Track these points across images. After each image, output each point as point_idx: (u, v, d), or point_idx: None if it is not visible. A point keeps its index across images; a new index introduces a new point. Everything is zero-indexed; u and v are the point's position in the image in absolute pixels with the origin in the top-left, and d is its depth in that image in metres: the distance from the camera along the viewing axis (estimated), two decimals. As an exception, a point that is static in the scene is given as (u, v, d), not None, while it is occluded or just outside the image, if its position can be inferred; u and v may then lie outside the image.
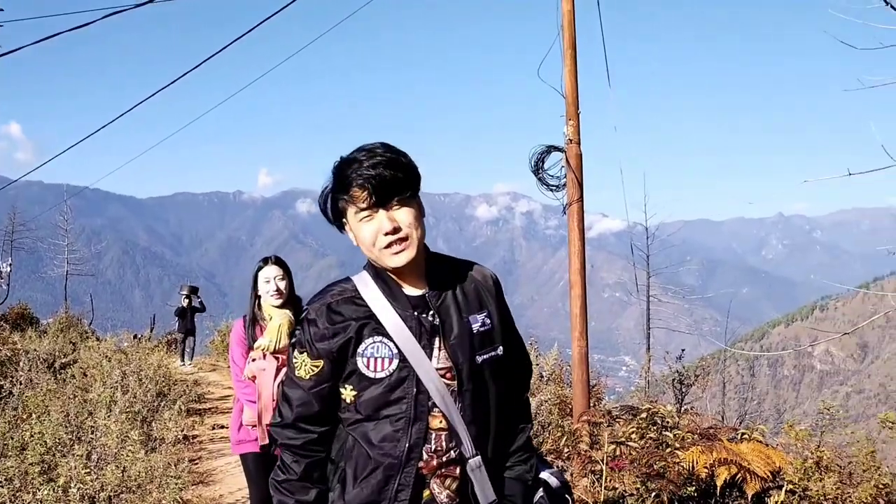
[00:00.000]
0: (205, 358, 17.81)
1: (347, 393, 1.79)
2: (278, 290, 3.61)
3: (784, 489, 3.86)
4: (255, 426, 3.62)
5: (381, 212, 1.73)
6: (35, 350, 11.96)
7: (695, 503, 4.42)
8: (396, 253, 1.74)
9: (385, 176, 1.70)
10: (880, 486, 3.53)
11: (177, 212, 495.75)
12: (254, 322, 3.69)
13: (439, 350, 1.79)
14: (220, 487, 6.03)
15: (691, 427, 5.08)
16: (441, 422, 1.78)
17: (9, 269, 28.12)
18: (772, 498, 3.85)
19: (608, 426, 5.29)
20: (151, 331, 25.69)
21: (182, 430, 7.80)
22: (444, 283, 1.86)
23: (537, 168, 6.70)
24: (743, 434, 4.95)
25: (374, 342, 1.76)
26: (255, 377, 3.55)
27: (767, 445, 4.69)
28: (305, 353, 1.79)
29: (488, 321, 1.87)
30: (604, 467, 3.79)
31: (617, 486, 4.28)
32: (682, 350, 9.13)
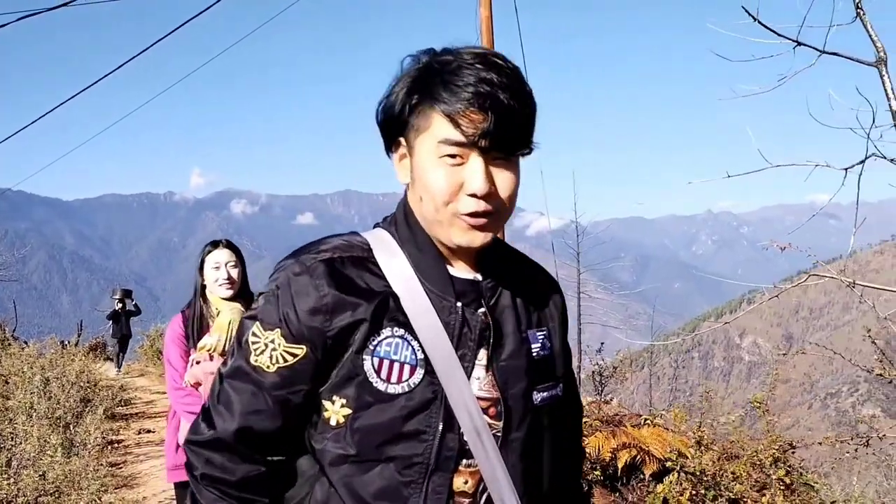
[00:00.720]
0: (133, 363, 17.47)
1: (334, 411, 1.12)
2: (229, 278, 3.06)
3: (679, 468, 4.17)
4: None
5: (480, 160, 1.08)
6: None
7: (600, 486, 4.71)
8: (476, 227, 1.11)
9: (514, 108, 1.07)
10: (755, 461, 3.88)
11: (105, 214, 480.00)
12: (199, 318, 3.09)
13: (485, 370, 1.17)
14: (145, 490, 6.04)
15: (598, 415, 5.38)
16: (468, 481, 1.14)
17: (-78, 275, 26.92)
18: (666, 478, 4.17)
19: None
20: (79, 336, 25.00)
21: (105, 435, 7.73)
22: (503, 275, 1.23)
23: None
24: (646, 420, 5.28)
25: (394, 338, 1.12)
26: (198, 383, 2.95)
27: (667, 430, 5.03)
28: (278, 331, 1.11)
29: (548, 344, 1.27)
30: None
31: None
32: (602, 343, 9.53)
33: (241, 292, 3.11)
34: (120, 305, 15.12)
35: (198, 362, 2.90)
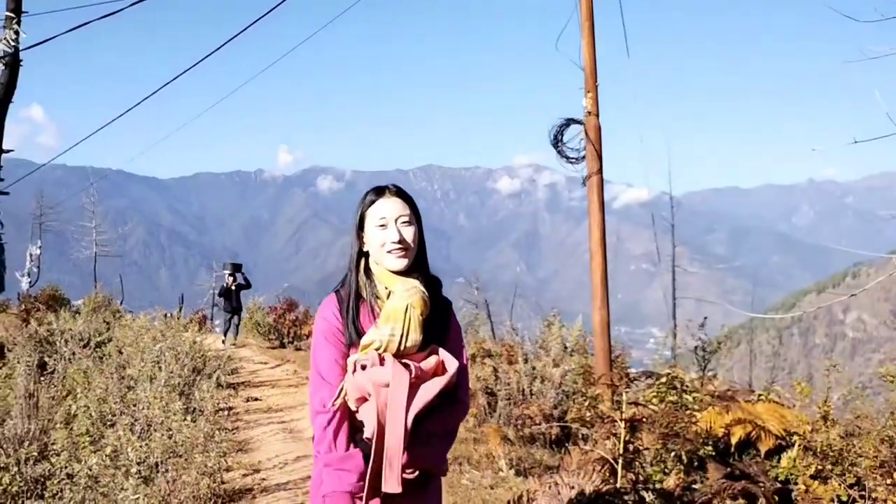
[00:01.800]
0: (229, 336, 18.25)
1: None
2: (401, 241, 2.15)
3: (797, 445, 4.02)
4: (359, 497, 2.09)
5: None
6: (71, 329, 12.42)
7: (712, 461, 4.61)
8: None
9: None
10: (884, 437, 3.68)
11: (199, 192, 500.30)
12: (357, 299, 2.22)
13: None
14: (259, 454, 6.33)
15: (710, 391, 5.24)
16: None
17: (39, 251, 28.88)
18: (786, 453, 4.02)
19: (627, 388, 5.48)
20: (180, 310, 26.30)
21: (217, 403, 8.13)
22: None
23: (557, 141, 6.83)
24: (760, 395, 5.10)
25: None
26: (362, 399, 2.07)
27: (783, 405, 4.85)
28: None
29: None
30: (622, 427, 3.97)
31: (638, 445, 4.46)
32: (704, 318, 9.25)
33: (418, 263, 2.22)
34: (231, 279, 15.31)
35: (363, 367, 2.06)
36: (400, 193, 2.21)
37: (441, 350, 2.17)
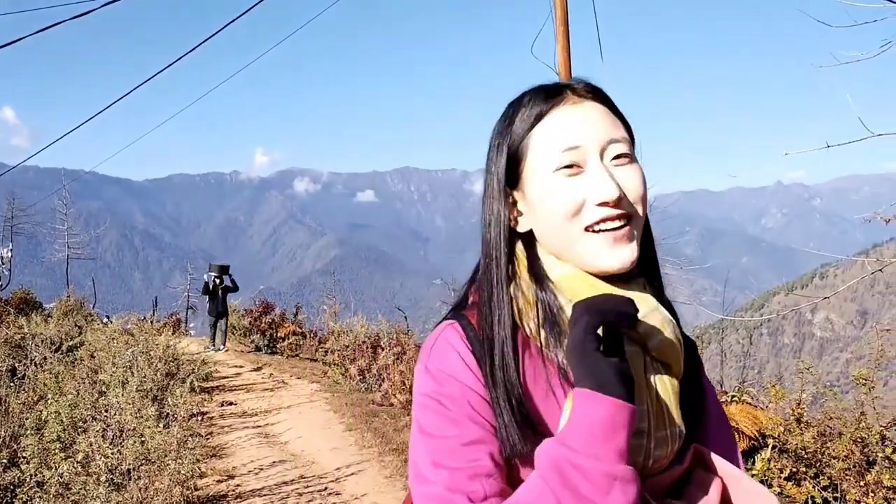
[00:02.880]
0: (205, 337, 18.08)
1: None
2: (621, 201, 0.95)
3: (770, 446, 4.06)
4: None
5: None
6: (42, 334, 12.21)
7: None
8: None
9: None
10: (857, 438, 3.74)
11: (173, 194, 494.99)
12: (513, 337, 0.97)
13: None
14: (233, 460, 6.26)
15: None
16: None
17: (10, 254, 28.30)
18: (759, 455, 4.07)
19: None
20: (154, 313, 26.03)
21: (191, 408, 8.04)
22: None
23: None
24: (733, 397, 5.15)
25: None
26: None
27: (756, 407, 4.91)
28: None
29: None
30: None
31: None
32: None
33: (645, 255, 1.04)
34: (218, 281, 14.75)
35: None
36: (599, 95, 1.02)
37: (716, 458, 0.99)
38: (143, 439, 4.95)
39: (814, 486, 3.77)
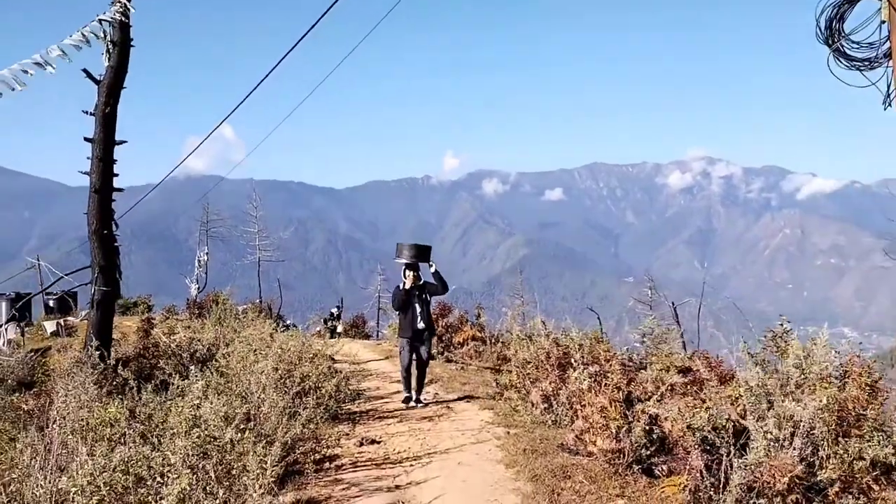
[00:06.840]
0: (382, 343, 16.50)
1: None
2: None
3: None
4: None
5: None
6: (199, 340, 11.12)
7: None
8: None
9: None
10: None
11: (371, 199, 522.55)
12: None
13: None
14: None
15: None
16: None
17: (206, 258, 29.50)
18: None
19: None
20: (339, 310, 25.55)
21: (322, 446, 6.01)
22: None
23: (831, 30, 3.92)
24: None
25: None
26: None
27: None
28: None
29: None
30: None
31: None
32: None
33: None
34: (411, 276, 12.95)
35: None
36: None
37: None
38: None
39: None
